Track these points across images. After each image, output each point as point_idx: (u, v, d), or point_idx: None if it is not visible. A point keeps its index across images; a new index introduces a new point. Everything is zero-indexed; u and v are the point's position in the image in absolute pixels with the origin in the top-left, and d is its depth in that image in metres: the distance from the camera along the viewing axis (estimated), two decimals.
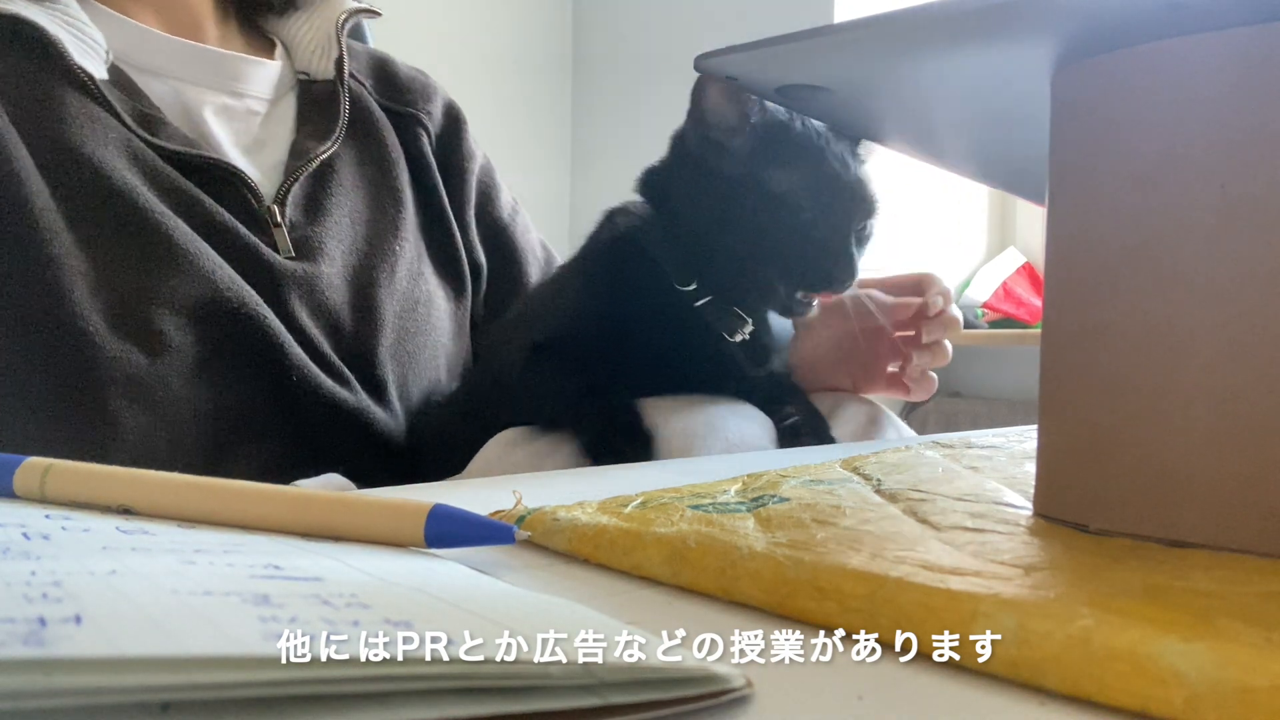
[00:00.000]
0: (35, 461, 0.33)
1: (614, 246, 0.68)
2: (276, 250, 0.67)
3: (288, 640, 0.16)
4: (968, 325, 2.47)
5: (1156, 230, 0.28)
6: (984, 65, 0.34)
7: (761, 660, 0.21)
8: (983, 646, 0.20)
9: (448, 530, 0.28)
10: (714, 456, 0.57)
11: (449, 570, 0.26)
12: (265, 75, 0.75)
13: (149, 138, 0.64)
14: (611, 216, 0.71)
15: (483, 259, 0.85)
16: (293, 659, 0.16)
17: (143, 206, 0.61)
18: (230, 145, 0.71)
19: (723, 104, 0.62)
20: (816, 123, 0.64)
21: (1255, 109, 0.26)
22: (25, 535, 0.25)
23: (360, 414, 0.68)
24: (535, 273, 0.89)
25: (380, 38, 0.99)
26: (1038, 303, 2.49)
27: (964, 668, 0.21)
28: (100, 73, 0.65)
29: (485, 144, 0.91)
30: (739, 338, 0.67)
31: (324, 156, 0.73)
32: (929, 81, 0.36)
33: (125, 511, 0.31)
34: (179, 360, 0.61)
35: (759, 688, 0.19)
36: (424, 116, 0.84)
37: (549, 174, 2.74)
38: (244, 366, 0.63)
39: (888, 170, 0.70)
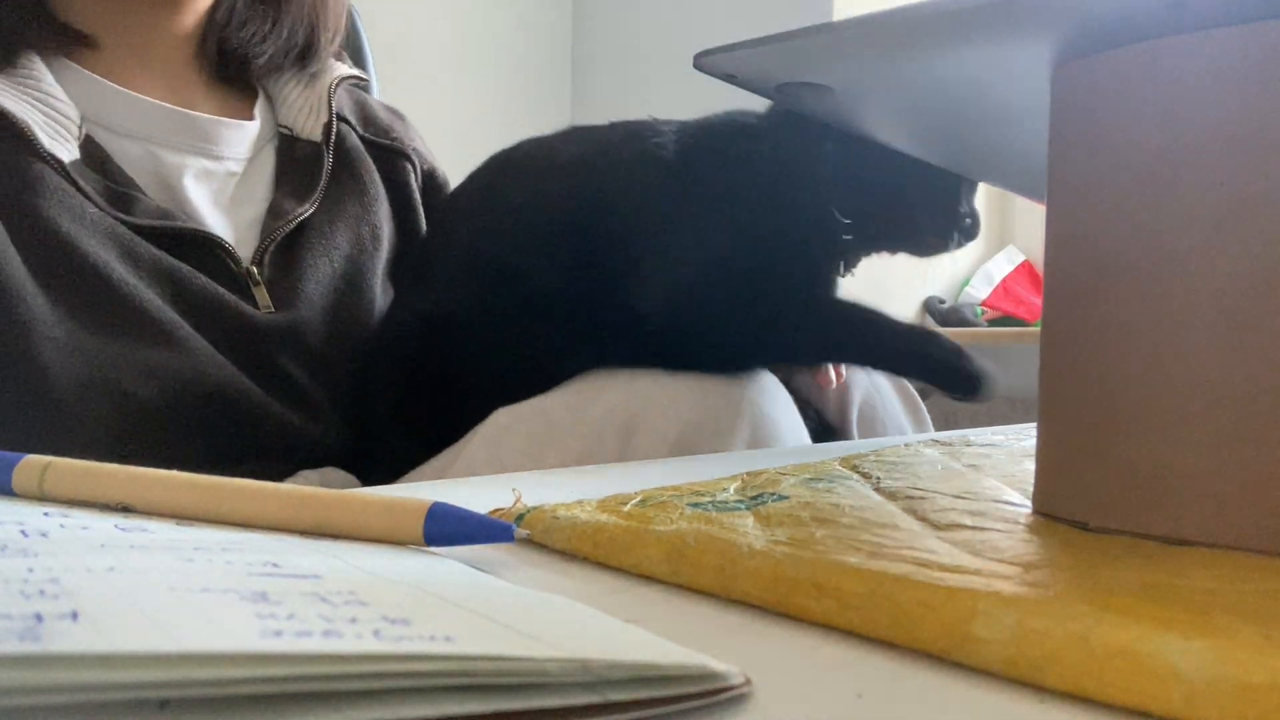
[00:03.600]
0: (34, 459, 0.33)
1: (796, 168, 0.68)
2: (257, 306, 0.68)
3: (285, 637, 0.16)
4: (967, 323, 2.47)
5: (1156, 228, 0.28)
6: (984, 63, 0.34)
7: (760, 658, 0.21)
8: (982, 644, 0.20)
9: (446, 528, 0.28)
10: (713, 456, 0.57)
11: (448, 568, 0.26)
12: (244, 137, 0.75)
13: (122, 216, 0.64)
14: (742, 137, 0.70)
15: None
16: (290, 656, 0.16)
17: (116, 282, 0.61)
18: (208, 206, 0.71)
19: None
20: None
21: (1255, 107, 0.26)
22: (23, 532, 0.25)
23: (340, 452, 0.70)
24: None
25: (380, 39, 0.99)
26: (1037, 301, 2.49)
27: (963, 666, 0.21)
28: (70, 154, 0.64)
29: (485, 144, 0.91)
30: (847, 276, 0.71)
31: (302, 218, 0.73)
32: (928, 79, 0.36)
33: (124, 509, 0.31)
34: (146, 420, 0.62)
35: (758, 685, 0.19)
36: (410, 152, 0.84)
37: None
38: (215, 421, 0.64)
39: None
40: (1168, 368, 0.28)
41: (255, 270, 0.69)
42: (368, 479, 0.69)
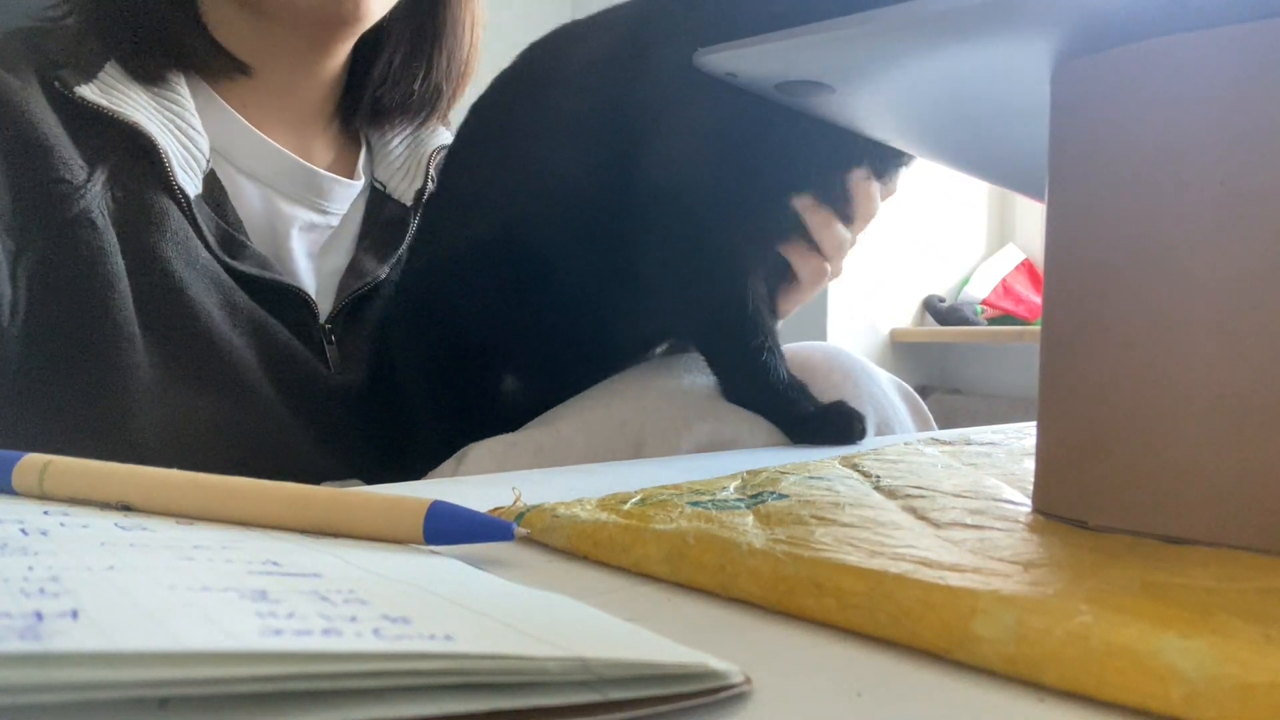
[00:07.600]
0: (34, 458, 0.33)
1: None
2: (328, 364, 0.70)
3: (285, 636, 0.16)
4: (967, 322, 2.47)
5: (1156, 227, 0.28)
6: (984, 61, 0.34)
7: (760, 657, 0.21)
8: (981, 643, 0.20)
9: (447, 527, 0.28)
10: (712, 454, 0.57)
11: (448, 567, 0.26)
12: (351, 195, 0.76)
13: (228, 261, 0.65)
14: None
15: None
16: (290, 654, 0.16)
17: (215, 335, 0.62)
18: (302, 256, 0.72)
19: None
20: None
21: (1255, 106, 0.26)
22: (23, 531, 0.25)
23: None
24: None
25: None
26: (1037, 299, 2.49)
27: (962, 664, 0.21)
28: (195, 188, 0.65)
29: None
30: None
31: (381, 278, 0.74)
32: (929, 78, 0.36)
33: (124, 508, 0.31)
34: (209, 468, 0.64)
35: (758, 684, 0.19)
36: None
37: None
38: (268, 475, 0.66)
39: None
40: (1167, 367, 0.28)
41: (329, 328, 0.71)
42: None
